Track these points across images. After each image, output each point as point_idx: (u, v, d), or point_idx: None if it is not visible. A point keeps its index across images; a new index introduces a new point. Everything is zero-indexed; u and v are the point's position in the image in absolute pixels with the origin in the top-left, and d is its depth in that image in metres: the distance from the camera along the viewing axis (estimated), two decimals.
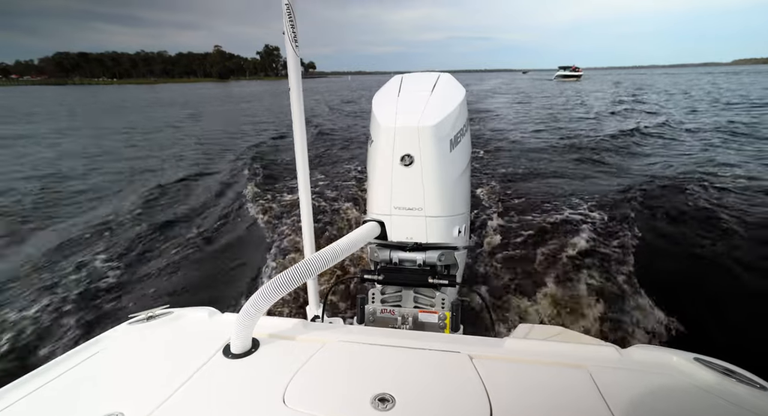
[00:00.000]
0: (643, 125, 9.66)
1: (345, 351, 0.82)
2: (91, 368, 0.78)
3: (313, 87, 51.79)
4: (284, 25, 1.23)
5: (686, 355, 0.78)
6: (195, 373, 0.73)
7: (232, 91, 52.76)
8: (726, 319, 2.50)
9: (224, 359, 0.78)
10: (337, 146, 8.76)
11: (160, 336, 0.90)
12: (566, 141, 8.36)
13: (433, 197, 1.31)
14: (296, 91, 1.32)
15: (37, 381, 0.74)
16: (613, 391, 0.68)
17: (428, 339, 0.85)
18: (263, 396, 0.66)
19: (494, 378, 0.71)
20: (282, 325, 0.92)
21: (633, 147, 7.71)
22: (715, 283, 2.87)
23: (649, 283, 2.83)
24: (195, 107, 25.00)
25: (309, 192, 1.46)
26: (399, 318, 1.37)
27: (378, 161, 1.33)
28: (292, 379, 0.70)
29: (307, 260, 1.00)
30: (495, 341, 0.86)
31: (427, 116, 1.27)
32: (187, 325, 0.95)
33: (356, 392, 0.67)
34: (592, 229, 3.73)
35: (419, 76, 1.53)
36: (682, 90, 23.71)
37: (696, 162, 6.14)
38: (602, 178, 5.73)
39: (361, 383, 0.70)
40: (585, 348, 0.81)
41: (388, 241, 1.41)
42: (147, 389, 0.70)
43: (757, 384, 0.70)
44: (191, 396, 0.68)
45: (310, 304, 1.63)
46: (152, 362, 0.80)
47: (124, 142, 11.03)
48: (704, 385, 0.70)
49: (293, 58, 1.27)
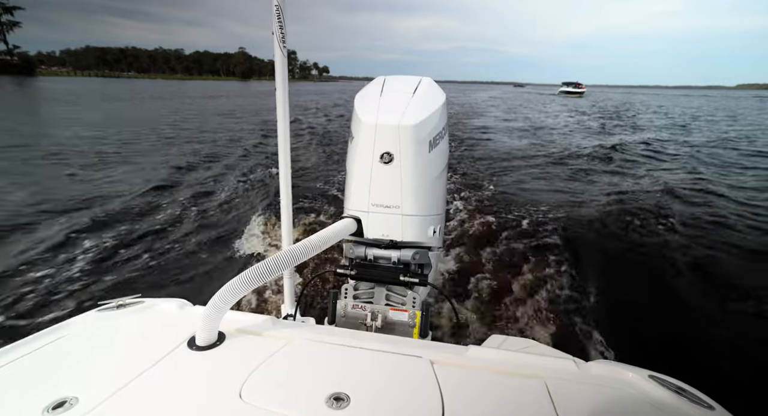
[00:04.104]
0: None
1: (308, 349, 0.83)
2: (53, 352, 0.79)
3: (343, 88, 62.34)
4: (273, 25, 1.26)
5: (642, 372, 0.80)
6: (158, 363, 0.74)
7: (259, 89, 61.27)
8: (682, 338, 2.61)
9: (188, 350, 0.80)
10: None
11: (128, 324, 0.91)
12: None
13: (411, 196, 1.33)
14: (281, 90, 1.34)
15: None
16: (566, 403, 0.69)
17: (392, 343, 0.87)
18: (221, 390, 0.68)
19: (452, 384, 0.72)
20: (250, 320, 0.93)
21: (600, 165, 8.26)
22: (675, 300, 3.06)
23: (616, 300, 3.01)
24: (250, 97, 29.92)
25: (290, 189, 1.48)
26: (369, 314, 1.37)
27: (357, 158, 1.35)
28: (252, 374, 0.72)
29: (276, 256, 1.00)
30: (458, 348, 0.87)
31: (408, 116, 1.29)
32: (156, 315, 0.97)
33: (313, 390, 0.69)
34: (566, 243, 3.92)
35: (402, 78, 1.55)
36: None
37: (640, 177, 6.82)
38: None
39: (318, 381, 0.71)
40: (544, 360, 0.83)
41: (364, 238, 1.42)
42: (106, 375, 0.70)
43: (706, 403, 0.72)
44: (150, 385, 0.69)
45: (285, 302, 1.65)
46: (116, 349, 0.81)
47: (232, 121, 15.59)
48: (655, 402, 0.71)
49: (280, 59, 1.30)
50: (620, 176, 7.34)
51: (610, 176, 7.36)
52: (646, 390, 0.74)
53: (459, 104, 29.84)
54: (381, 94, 1.41)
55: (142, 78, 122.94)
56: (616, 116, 21.68)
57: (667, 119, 20.65)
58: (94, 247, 3.83)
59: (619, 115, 22.29)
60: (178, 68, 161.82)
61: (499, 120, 18.50)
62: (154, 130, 13.01)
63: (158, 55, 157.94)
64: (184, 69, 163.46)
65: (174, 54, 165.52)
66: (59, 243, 3.89)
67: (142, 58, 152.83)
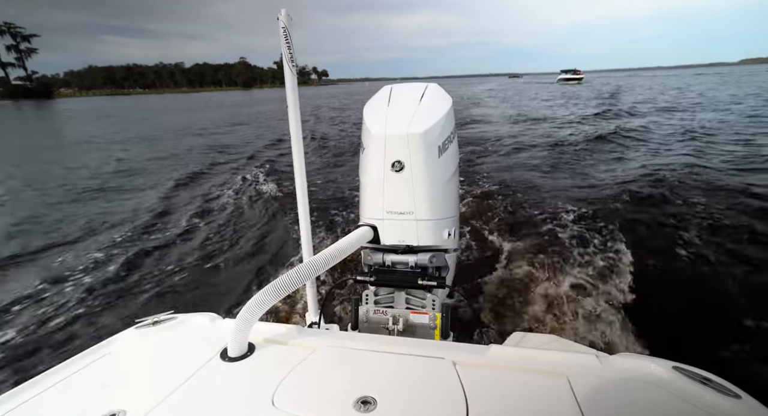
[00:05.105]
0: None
1: (334, 356, 0.87)
2: (99, 369, 0.85)
3: (353, 91, 61.48)
4: (281, 46, 1.30)
5: (665, 363, 0.80)
6: (194, 375, 0.79)
7: (265, 96, 62.08)
8: (708, 328, 2.57)
9: (221, 362, 0.84)
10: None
11: (164, 339, 0.97)
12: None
13: (424, 201, 1.36)
14: (293, 108, 1.39)
15: (47, 382, 0.80)
16: (590, 398, 0.70)
17: (415, 345, 0.89)
18: (254, 398, 0.71)
19: (474, 383, 0.74)
20: (277, 330, 0.97)
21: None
22: (699, 291, 2.97)
23: (640, 291, 2.92)
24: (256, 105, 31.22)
25: (307, 202, 1.53)
26: (390, 319, 1.40)
27: (369, 168, 1.39)
28: (282, 382, 0.75)
29: (298, 268, 1.04)
30: (480, 348, 0.88)
31: (416, 124, 1.33)
32: (189, 330, 1.01)
33: (341, 394, 0.71)
34: (584, 234, 3.81)
35: (408, 86, 1.59)
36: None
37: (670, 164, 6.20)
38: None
39: (346, 386, 0.74)
40: (566, 356, 0.83)
41: (381, 244, 1.46)
42: (149, 389, 0.75)
43: (733, 393, 0.71)
44: (189, 396, 0.73)
45: (309, 311, 1.70)
46: (155, 364, 0.87)
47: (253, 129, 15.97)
48: (681, 393, 0.71)
49: (290, 78, 1.36)
50: (648, 157, 7.20)
51: (634, 159, 7.04)
52: (671, 382, 0.74)
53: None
54: (388, 104, 1.46)
55: (149, 93, 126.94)
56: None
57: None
58: (126, 262, 3.99)
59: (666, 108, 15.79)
60: (182, 81, 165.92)
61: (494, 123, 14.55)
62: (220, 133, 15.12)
63: (163, 71, 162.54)
64: (187, 82, 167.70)
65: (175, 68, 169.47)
66: (101, 260, 4.09)
67: (148, 74, 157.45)
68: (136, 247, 4.35)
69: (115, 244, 4.49)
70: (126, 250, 4.27)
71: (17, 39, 77.58)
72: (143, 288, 3.53)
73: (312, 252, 1.57)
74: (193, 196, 6.41)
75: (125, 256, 4.09)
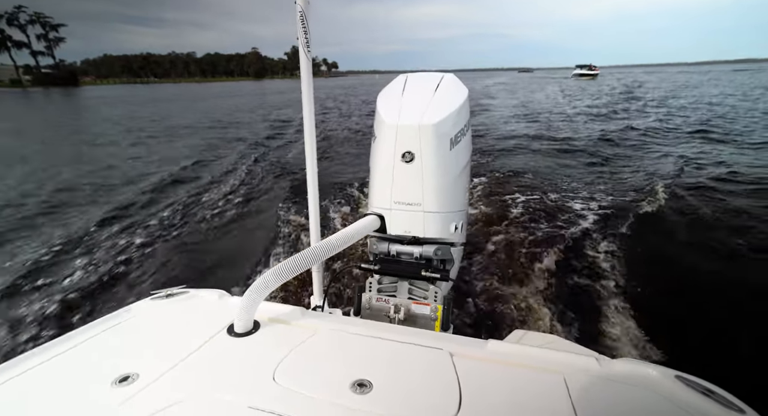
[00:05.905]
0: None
1: (335, 338, 0.90)
2: (115, 334, 0.91)
3: (366, 82, 63.59)
4: (298, 31, 1.31)
5: (667, 371, 0.78)
6: (202, 346, 0.84)
7: (281, 86, 63.42)
8: (719, 339, 2.51)
9: (228, 337, 0.88)
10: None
11: (176, 311, 1.03)
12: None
13: (432, 194, 1.36)
14: (307, 93, 1.40)
15: (65, 345, 0.84)
16: (585, 398, 0.69)
17: (414, 335, 0.90)
18: (257, 373, 0.75)
19: (470, 375, 0.75)
20: (282, 311, 1.00)
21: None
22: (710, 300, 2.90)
23: (643, 299, 2.89)
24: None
25: (317, 187, 1.55)
26: (392, 307, 1.42)
27: (380, 157, 1.39)
28: (284, 360, 0.79)
29: (305, 251, 1.07)
30: (478, 342, 0.89)
31: (429, 115, 1.31)
32: (199, 304, 1.07)
33: (339, 375, 0.74)
34: (592, 235, 3.81)
35: (424, 76, 1.57)
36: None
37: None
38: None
39: (344, 368, 0.77)
40: (564, 356, 0.83)
41: (387, 234, 1.47)
42: (161, 355, 0.80)
43: (736, 407, 0.69)
44: (197, 366, 0.78)
45: (314, 294, 1.72)
46: (167, 333, 0.92)
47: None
48: (680, 403, 0.70)
49: (305, 63, 1.37)
50: (664, 156, 7.19)
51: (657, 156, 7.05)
52: (671, 391, 0.72)
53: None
54: (403, 93, 1.45)
55: (165, 83, 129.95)
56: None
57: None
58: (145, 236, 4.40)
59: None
60: (195, 71, 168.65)
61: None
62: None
63: (178, 60, 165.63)
64: (200, 72, 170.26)
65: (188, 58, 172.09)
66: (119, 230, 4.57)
67: (163, 63, 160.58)
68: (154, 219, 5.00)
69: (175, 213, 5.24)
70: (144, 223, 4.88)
71: (46, 28, 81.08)
72: (160, 266, 3.86)
73: (320, 237, 1.59)
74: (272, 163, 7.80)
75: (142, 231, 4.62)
